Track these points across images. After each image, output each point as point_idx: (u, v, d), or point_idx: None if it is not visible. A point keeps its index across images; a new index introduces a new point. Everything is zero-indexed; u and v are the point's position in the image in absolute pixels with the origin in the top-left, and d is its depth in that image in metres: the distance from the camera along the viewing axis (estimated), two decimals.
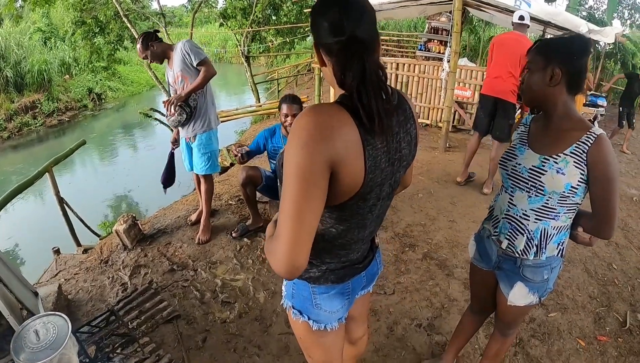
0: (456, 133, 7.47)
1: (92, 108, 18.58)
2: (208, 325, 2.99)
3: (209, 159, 3.83)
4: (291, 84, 15.16)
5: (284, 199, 1.07)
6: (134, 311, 3.10)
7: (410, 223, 4.18)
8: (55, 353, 2.10)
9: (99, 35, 12.76)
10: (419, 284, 3.32)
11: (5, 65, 17.23)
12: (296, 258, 1.06)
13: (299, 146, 1.05)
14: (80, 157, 11.67)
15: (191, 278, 3.48)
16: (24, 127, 16.35)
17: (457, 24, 5.88)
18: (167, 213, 4.74)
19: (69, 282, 3.68)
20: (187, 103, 3.57)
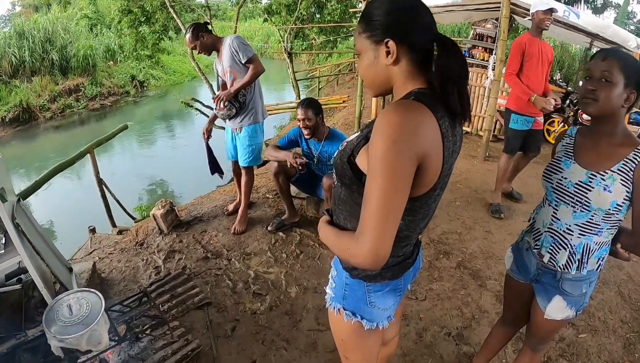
0: (496, 143, 7.30)
1: (134, 95, 19.05)
2: (238, 314, 2.99)
3: (252, 152, 3.86)
4: (332, 83, 15.09)
5: (371, 195, 1.09)
6: (166, 295, 3.13)
7: (446, 230, 4.11)
8: (86, 329, 2.12)
9: (144, 25, 12.97)
10: (451, 292, 3.25)
11: (51, 48, 17.91)
12: (383, 252, 1.10)
13: (388, 143, 1.06)
14: (120, 141, 11.89)
15: (224, 267, 3.49)
16: (67, 109, 16.93)
17: (503, 31, 5.76)
18: (204, 201, 4.78)
19: (103, 261, 3.75)
20: (237, 98, 3.64)
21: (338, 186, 1.35)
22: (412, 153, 1.07)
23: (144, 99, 19.04)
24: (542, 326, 1.90)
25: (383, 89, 1.27)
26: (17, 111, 15.83)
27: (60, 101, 17.09)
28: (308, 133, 3.51)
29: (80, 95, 17.67)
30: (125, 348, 2.61)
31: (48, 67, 17.76)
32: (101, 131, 9.71)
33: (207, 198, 4.92)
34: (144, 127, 14.77)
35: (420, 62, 1.20)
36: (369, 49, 1.21)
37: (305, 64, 19.76)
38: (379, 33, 1.17)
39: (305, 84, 16.10)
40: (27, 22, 19.08)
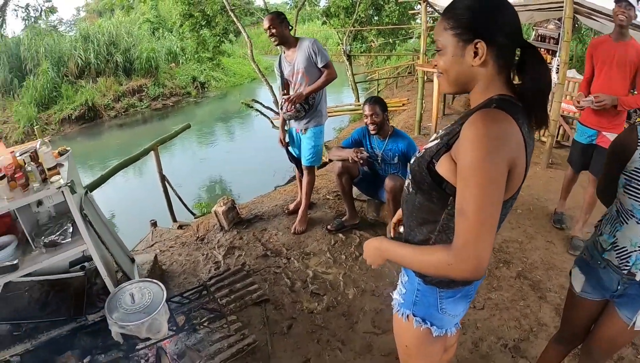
0: (560, 149, 7.01)
1: (195, 96, 19.63)
2: (295, 313, 3.00)
3: (316, 153, 3.89)
4: (391, 86, 14.93)
5: (469, 206, 1.09)
6: (225, 290, 3.18)
7: (507, 238, 3.96)
8: (147, 317, 2.18)
9: (205, 28, 13.26)
10: (509, 303, 3.13)
11: (116, 51, 18.95)
12: (487, 261, 1.10)
13: (483, 154, 1.06)
14: (182, 140, 12.23)
15: (283, 266, 3.51)
16: (130, 108, 17.78)
17: (567, 32, 5.50)
18: (265, 200, 4.84)
19: (164, 254, 3.87)
20: (307, 100, 3.66)
21: (413, 193, 1.33)
22: (504, 163, 1.08)
23: (204, 100, 19.56)
24: (619, 339, 1.81)
25: (462, 88, 1.25)
26: (82, 110, 16.80)
27: (124, 100, 17.95)
28: (374, 128, 3.49)
29: (143, 95, 18.47)
30: (182, 338, 2.68)
31: (112, 68, 18.73)
32: (163, 129, 10.04)
33: (268, 197, 4.98)
34: (204, 127, 15.15)
35: (504, 67, 1.18)
36: (455, 46, 1.17)
37: (364, 67, 19.70)
38: (468, 33, 1.14)
39: (364, 87, 16.00)
40: (91, 27, 20.29)
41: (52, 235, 2.54)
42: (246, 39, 11.49)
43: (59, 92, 17.31)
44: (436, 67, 1.28)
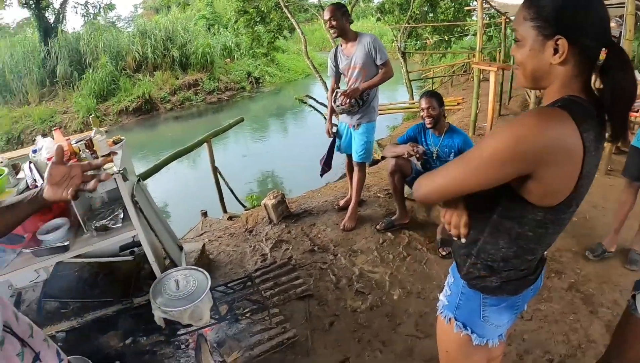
0: (619, 155, 6.65)
1: (250, 90, 19.94)
2: (338, 310, 2.96)
3: (366, 149, 3.87)
4: (446, 84, 14.62)
5: (463, 157, 1.16)
6: (269, 282, 3.19)
7: (560, 247, 3.77)
8: (190, 304, 2.20)
9: (260, 24, 13.41)
10: (559, 315, 2.97)
11: (172, 46, 19.66)
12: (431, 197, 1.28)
13: (507, 134, 1.06)
14: (235, 133, 12.42)
15: (330, 262, 3.49)
16: (186, 102, 18.31)
17: (629, 30, 5.22)
18: (315, 195, 4.85)
19: (212, 243, 3.93)
20: (361, 96, 3.65)
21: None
22: (521, 160, 1.05)
23: (258, 94, 19.79)
24: None
25: (538, 84, 1.18)
26: (140, 102, 17.50)
27: (180, 94, 18.50)
28: (430, 122, 3.43)
29: (198, 89, 18.95)
30: (224, 327, 2.72)
31: (169, 63, 19.41)
32: (217, 123, 10.20)
33: (318, 192, 4.99)
34: (258, 122, 15.34)
35: (585, 68, 1.10)
36: (534, 40, 1.10)
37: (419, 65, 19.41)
38: (550, 27, 1.07)
39: (419, 85, 15.76)
40: (148, 23, 21.14)
41: (103, 220, 2.62)
42: (300, 35, 11.53)
43: (117, 85, 18.13)
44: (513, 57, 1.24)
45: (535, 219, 1.19)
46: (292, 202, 4.60)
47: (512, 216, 1.21)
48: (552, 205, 1.14)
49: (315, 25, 25.63)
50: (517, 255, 1.29)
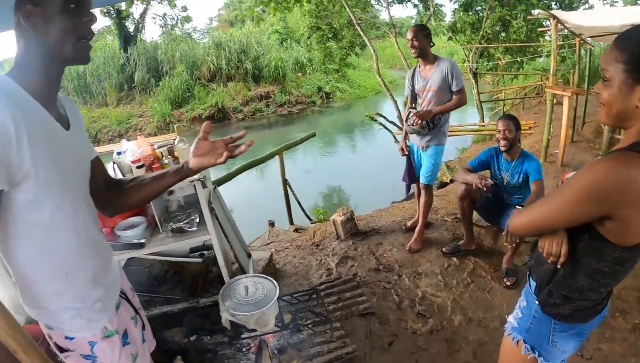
0: None
1: (320, 105, 20.19)
2: (398, 330, 2.98)
3: (434, 171, 3.91)
4: (517, 107, 14.16)
5: (551, 195, 1.26)
6: (333, 297, 3.26)
7: (627, 285, 3.57)
8: (257, 311, 2.31)
9: (332, 40, 13.52)
10: (620, 357, 2.81)
11: (246, 58, 20.40)
12: (522, 230, 1.40)
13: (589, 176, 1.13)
14: (304, 146, 12.52)
15: (394, 282, 3.52)
16: (257, 113, 18.88)
17: None
18: (383, 215, 4.88)
19: (279, 253, 4.07)
20: (433, 119, 3.69)
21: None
22: (601, 200, 1.11)
23: (328, 109, 19.98)
24: None
25: (621, 124, 1.21)
26: (213, 111, 18.27)
27: (252, 105, 19.07)
28: (505, 145, 3.39)
29: (270, 101, 19.47)
30: (285, 335, 2.80)
31: (242, 74, 20.16)
32: (287, 135, 10.43)
33: (386, 212, 5.02)
34: (326, 136, 15.44)
35: None
36: (624, 82, 1.12)
37: (490, 85, 18.90)
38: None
39: (489, 106, 15.35)
40: (223, 35, 22.20)
41: (180, 222, 2.80)
42: (372, 52, 11.60)
43: (192, 93, 19.11)
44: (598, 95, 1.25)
45: (613, 256, 1.23)
46: (360, 220, 4.66)
47: (592, 252, 1.26)
48: (630, 245, 1.18)
49: (386, 42, 25.63)
50: (592, 288, 1.34)
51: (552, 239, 1.31)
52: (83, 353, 1.34)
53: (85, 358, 1.35)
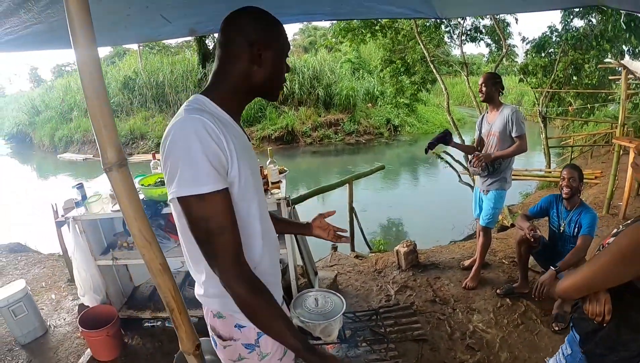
0: None
1: (387, 137, 20.29)
2: (447, 359, 3.19)
3: (493, 215, 4.06)
4: (585, 154, 13.64)
5: (596, 258, 1.30)
6: (390, 320, 3.54)
7: None
8: (325, 321, 2.58)
9: (404, 75, 13.64)
10: None
11: (318, 85, 20.97)
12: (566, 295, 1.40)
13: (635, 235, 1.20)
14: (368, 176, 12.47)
15: (448, 314, 3.73)
16: (325, 139, 19.31)
17: None
18: (444, 251, 5.09)
19: (342, 276, 4.40)
20: (493, 163, 3.87)
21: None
22: (636, 266, 1.19)
23: (395, 142, 20.01)
24: None
25: None
26: (282, 132, 19.02)
27: (321, 131, 19.58)
28: (567, 193, 3.49)
29: (338, 129, 19.86)
30: (344, 348, 3.04)
31: (314, 100, 20.75)
32: (353, 163, 10.63)
33: (446, 248, 5.22)
34: (391, 169, 15.53)
35: None
36: None
37: (559, 130, 18.37)
38: None
39: (557, 152, 14.91)
40: (298, 60, 22.74)
41: None
42: (443, 90, 11.71)
43: (264, 114, 19.97)
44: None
45: None
46: (422, 253, 4.87)
47: (634, 308, 1.35)
48: None
49: (456, 79, 25.32)
50: (635, 339, 1.41)
51: (596, 300, 1.37)
52: (246, 343, 1.43)
53: (246, 347, 1.43)
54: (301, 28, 39.77)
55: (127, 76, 22.34)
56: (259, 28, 1.32)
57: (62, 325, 3.96)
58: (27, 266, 5.40)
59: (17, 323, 3.63)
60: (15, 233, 7.92)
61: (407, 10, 3.28)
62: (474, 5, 3.48)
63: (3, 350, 3.66)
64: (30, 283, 4.76)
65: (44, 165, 20.71)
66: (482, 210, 4.13)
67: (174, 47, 30.17)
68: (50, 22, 2.16)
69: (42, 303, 4.37)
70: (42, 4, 1.87)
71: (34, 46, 2.79)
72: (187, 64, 22.23)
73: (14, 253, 5.96)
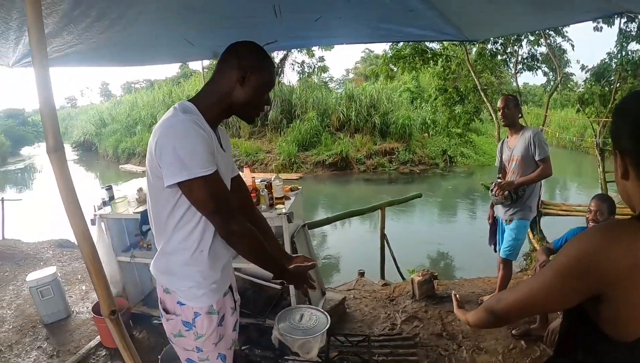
0: None
1: (442, 168, 19.80)
2: None
3: (514, 246, 3.78)
4: None
5: (534, 276, 1.18)
6: (386, 349, 3.39)
7: None
8: (303, 337, 2.56)
9: (458, 104, 13.25)
10: None
11: (375, 113, 21.06)
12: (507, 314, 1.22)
13: (574, 247, 1.05)
14: (413, 204, 11.94)
15: (451, 351, 3.47)
16: (379, 167, 19.18)
17: None
18: (465, 284, 4.82)
19: (355, 300, 4.29)
20: (516, 191, 3.61)
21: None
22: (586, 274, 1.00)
23: (450, 173, 19.47)
24: None
25: (629, 204, 1.11)
26: (336, 159, 19.03)
27: (375, 159, 19.46)
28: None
29: (393, 158, 19.66)
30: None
31: (370, 128, 20.77)
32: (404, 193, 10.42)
33: (470, 282, 4.93)
34: (440, 199, 15.25)
35: None
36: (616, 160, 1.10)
37: None
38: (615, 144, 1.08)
39: (615, 188, 13.98)
40: (356, 88, 23.15)
41: None
42: (494, 120, 11.39)
43: (319, 139, 20.21)
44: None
45: (612, 356, 1.09)
46: (441, 284, 4.66)
47: (588, 349, 1.13)
48: (630, 340, 1.04)
49: None
50: None
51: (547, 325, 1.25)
52: (184, 320, 1.64)
53: (184, 324, 1.64)
54: (363, 57, 39.85)
55: (189, 96, 23.17)
56: (252, 57, 1.62)
57: (84, 312, 4.39)
58: (69, 260, 6.15)
59: (43, 304, 4.09)
60: (66, 230, 8.34)
61: (431, 32, 3.28)
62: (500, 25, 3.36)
63: (28, 325, 4.20)
64: (67, 274, 5.55)
65: (106, 173, 22.36)
66: (504, 241, 3.83)
67: None
68: (90, 43, 2.69)
69: (72, 292, 4.97)
70: (80, 27, 2.37)
71: (77, 62, 3.34)
72: None
73: (60, 247, 6.80)
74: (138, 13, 2.39)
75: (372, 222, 10.09)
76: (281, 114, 21.60)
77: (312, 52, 23.61)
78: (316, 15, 2.72)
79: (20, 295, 4.94)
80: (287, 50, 18.88)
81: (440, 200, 15.07)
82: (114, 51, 3.19)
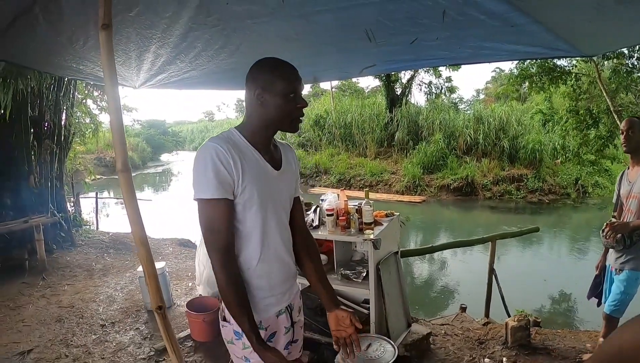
0: None
1: (574, 199, 18.03)
2: None
3: (621, 301, 3.28)
4: None
5: None
6: None
7: None
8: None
9: (592, 127, 11.99)
10: None
11: (504, 136, 20.02)
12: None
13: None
14: (531, 237, 10.89)
15: None
16: (506, 195, 18.12)
17: None
18: (569, 336, 4.32)
19: (444, 336, 4.18)
20: (630, 235, 3.12)
21: None
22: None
23: (582, 205, 17.62)
24: None
25: None
26: (462, 183, 18.38)
27: (502, 185, 18.41)
28: None
29: (521, 185, 18.42)
30: None
31: (498, 153, 19.76)
32: (531, 223, 9.70)
33: (574, 334, 4.41)
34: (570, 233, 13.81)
35: None
36: None
37: None
38: None
39: None
40: (484, 110, 22.14)
41: (348, 271, 3.46)
42: None
43: (445, 162, 19.70)
44: None
45: None
46: (540, 333, 4.24)
47: None
48: None
49: None
50: None
51: None
52: (235, 329, 1.72)
53: (235, 333, 1.73)
54: (493, 76, 38.29)
55: (318, 115, 24.67)
56: (262, 73, 1.68)
57: (183, 306, 4.72)
58: (185, 258, 6.89)
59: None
60: (189, 230, 9.36)
61: (540, 49, 3.05)
62: (617, 36, 3.02)
63: (133, 309, 4.95)
64: (179, 270, 6.34)
65: None
66: (611, 293, 3.35)
67: (367, 91, 31.94)
68: (200, 70, 3.23)
69: (179, 286, 5.72)
70: (190, 56, 2.88)
71: (192, 86, 3.97)
72: (375, 107, 23.65)
73: (180, 246, 7.61)
74: (238, 44, 2.75)
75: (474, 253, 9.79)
76: (407, 135, 21.56)
77: (439, 72, 23.22)
78: (411, 38, 2.72)
79: (133, 282, 5.76)
80: (393, 72, 18.79)
81: (569, 234, 13.73)
82: (222, 77, 3.71)
